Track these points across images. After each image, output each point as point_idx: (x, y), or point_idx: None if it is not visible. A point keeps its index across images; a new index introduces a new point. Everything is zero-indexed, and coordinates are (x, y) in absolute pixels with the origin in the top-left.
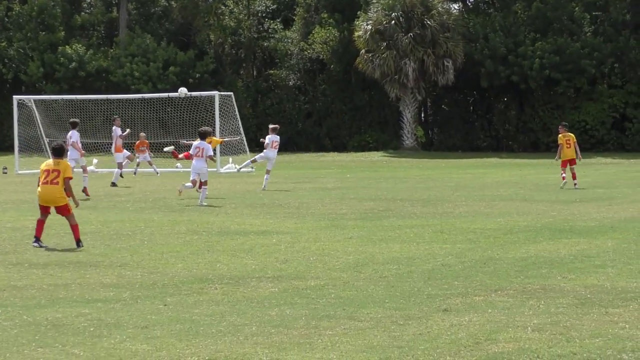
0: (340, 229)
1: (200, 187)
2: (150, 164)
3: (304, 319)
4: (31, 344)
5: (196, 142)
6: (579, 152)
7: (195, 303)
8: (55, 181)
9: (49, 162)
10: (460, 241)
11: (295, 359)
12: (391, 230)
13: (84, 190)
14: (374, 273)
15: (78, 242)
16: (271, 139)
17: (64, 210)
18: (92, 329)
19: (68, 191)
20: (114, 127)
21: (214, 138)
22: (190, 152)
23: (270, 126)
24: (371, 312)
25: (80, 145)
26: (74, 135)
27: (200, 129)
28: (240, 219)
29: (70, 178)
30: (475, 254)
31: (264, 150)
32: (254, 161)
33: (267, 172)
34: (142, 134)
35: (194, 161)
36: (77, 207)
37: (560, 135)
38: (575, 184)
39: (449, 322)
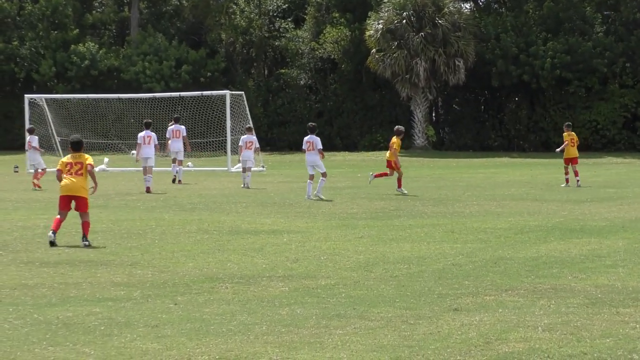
0: (351, 229)
1: (314, 178)
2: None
3: (315, 318)
4: (42, 342)
5: (307, 137)
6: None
7: (206, 302)
8: (79, 172)
9: (68, 156)
10: (471, 241)
11: (306, 358)
12: (402, 229)
13: (148, 190)
14: (384, 272)
15: (84, 237)
16: (245, 140)
17: (82, 205)
18: (102, 328)
19: (91, 176)
20: (177, 126)
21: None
22: (303, 146)
23: (246, 126)
24: (382, 311)
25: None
26: (154, 137)
27: (309, 124)
28: (251, 218)
29: (92, 165)
30: (486, 253)
31: (241, 154)
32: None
33: (248, 169)
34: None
35: (307, 155)
36: (93, 193)
37: (565, 134)
38: (577, 181)
39: (459, 321)
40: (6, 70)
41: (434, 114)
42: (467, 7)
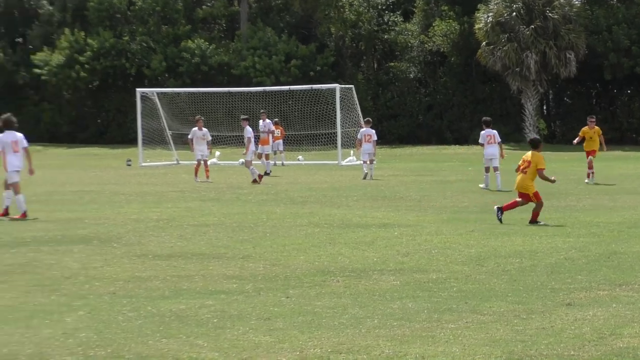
0: (462, 222)
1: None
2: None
3: (426, 312)
4: (155, 334)
5: (485, 131)
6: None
7: (317, 295)
8: (524, 170)
9: (527, 153)
10: (583, 235)
11: (418, 352)
12: (513, 223)
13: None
14: (496, 267)
15: (533, 222)
16: (363, 133)
17: (527, 198)
18: (215, 321)
19: (544, 179)
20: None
21: None
22: (480, 140)
23: (365, 119)
24: (493, 305)
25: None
26: (248, 131)
27: (484, 118)
28: (362, 212)
29: (543, 169)
30: (599, 247)
31: (362, 147)
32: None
33: (371, 161)
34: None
35: (487, 148)
36: (554, 182)
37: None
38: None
39: (572, 316)
40: (117, 66)
41: (544, 107)
42: None
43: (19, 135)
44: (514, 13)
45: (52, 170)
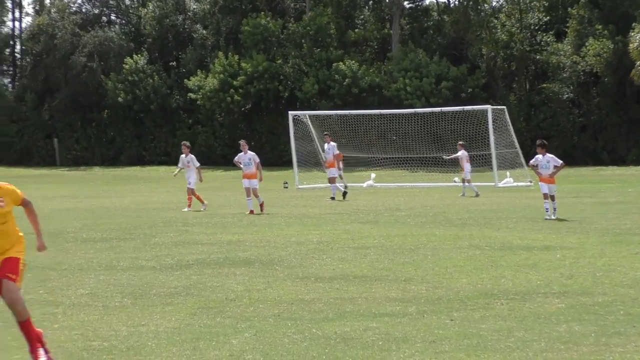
0: (626, 244)
1: None
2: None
3: (594, 335)
4: (321, 356)
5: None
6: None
7: (482, 318)
8: None
9: None
10: None
11: None
12: None
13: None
14: None
15: None
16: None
17: None
18: (380, 343)
19: None
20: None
21: None
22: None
23: (459, 143)
24: None
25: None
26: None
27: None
28: (522, 234)
29: None
30: None
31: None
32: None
33: (467, 181)
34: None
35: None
36: None
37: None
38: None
39: None
40: (270, 89)
41: None
42: None
43: None
44: None
45: (210, 193)
